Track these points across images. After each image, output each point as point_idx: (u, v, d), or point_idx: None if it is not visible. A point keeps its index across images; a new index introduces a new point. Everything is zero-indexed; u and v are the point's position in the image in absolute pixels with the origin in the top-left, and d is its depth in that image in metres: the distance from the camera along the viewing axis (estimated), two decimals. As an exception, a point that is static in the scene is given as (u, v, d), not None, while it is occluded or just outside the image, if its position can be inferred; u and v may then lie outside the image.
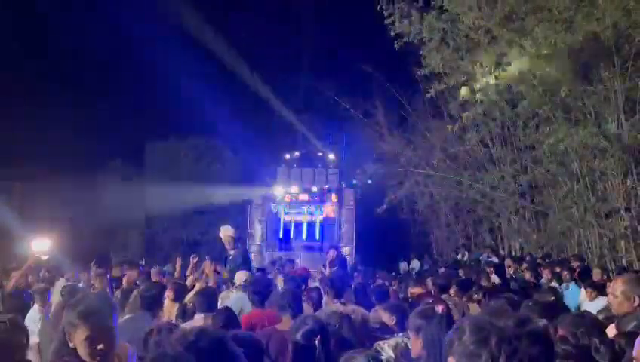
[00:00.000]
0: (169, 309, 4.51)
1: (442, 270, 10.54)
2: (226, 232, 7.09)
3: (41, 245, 5.47)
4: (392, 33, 10.38)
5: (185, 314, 4.47)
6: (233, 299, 5.28)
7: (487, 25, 9.99)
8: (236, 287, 5.87)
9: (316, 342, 2.36)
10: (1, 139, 14.71)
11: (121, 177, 19.45)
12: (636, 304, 2.82)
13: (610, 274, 7.79)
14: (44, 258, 5.87)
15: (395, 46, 10.59)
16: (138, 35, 15.90)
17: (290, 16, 21.23)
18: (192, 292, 4.89)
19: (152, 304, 3.96)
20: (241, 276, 6.24)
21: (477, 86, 9.94)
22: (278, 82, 18.77)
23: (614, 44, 9.13)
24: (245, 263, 6.91)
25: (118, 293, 5.33)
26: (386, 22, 10.32)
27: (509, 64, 9.36)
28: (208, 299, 4.27)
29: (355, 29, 19.42)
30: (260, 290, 4.68)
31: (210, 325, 3.18)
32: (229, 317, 3.27)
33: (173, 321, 4.27)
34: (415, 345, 2.48)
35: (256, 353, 1.99)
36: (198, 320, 3.86)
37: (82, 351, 1.83)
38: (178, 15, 17.01)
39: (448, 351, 1.17)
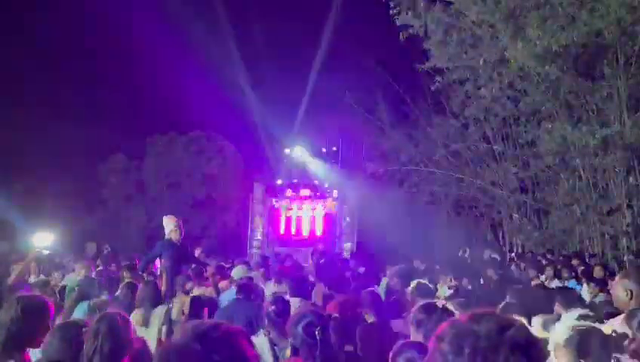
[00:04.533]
0: (182, 301, 4.66)
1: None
2: (173, 222, 6.78)
3: (42, 239, 5.46)
4: (398, 23, 10.39)
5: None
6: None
7: (491, 20, 9.96)
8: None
9: (316, 333, 2.39)
10: (3, 134, 14.72)
11: (123, 171, 19.50)
12: (640, 300, 2.82)
13: (615, 271, 7.77)
14: (46, 252, 5.86)
15: (400, 37, 10.59)
16: (139, 30, 15.87)
17: (292, 11, 21.16)
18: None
19: None
20: (240, 272, 6.29)
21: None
22: (281, 77, 18.74)
23: (618, 41, 9.09)
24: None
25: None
26: (392, 12, 10.33)
27: (513, 60, 9.35)
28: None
29: (358, 24, 19.34)
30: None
31: None
32: None
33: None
34: (415, 340, 2.49)
35: None
36: None
37: None
38: (180, 10, 16.97)
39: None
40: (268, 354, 2.93)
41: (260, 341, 3.03)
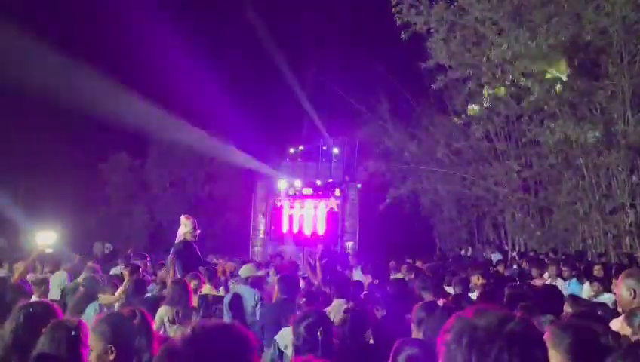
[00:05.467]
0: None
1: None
2: (190, 223, 6.78)
3: (45, 238, 5.47)
4: (399, 22, 10.35)
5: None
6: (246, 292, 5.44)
7: (495, 18, 9.92)
8: (239, 280, 6.01)
9: (318, 334, 2.38)
10: (5, 132, 14.76)
11: (126, 169, 19.52)
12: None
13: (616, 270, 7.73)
14: (49, 250, 5.88)
15: (402, 36, 10.55)
16: (143, 29, 15.89)
17: (296, 11, 21.15)
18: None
19: None
20: (248, 270, 6.29)
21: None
22: (283, 77, 18.72)
23: (623, 39, 9.04)
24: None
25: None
26: (394, 10, 10.28)
27: (516, 58, 9.31)
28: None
29: (361, 23, 19.32)
30: None
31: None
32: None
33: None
34: (416, 337, 2.49)
35: None
36: None
37: None
38: (183, 9, 16.99)
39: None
40: (289, 344, 2.91)
41: (286, 331, 3.02)
